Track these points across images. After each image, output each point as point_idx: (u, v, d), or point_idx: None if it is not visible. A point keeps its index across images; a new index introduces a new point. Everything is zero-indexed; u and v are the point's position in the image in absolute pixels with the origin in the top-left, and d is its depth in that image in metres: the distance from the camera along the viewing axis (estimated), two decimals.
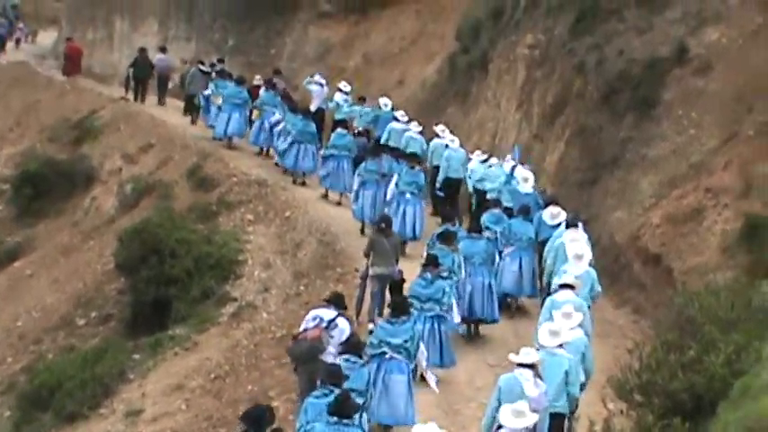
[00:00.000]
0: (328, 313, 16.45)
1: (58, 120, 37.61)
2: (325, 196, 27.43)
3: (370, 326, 19.16)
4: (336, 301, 16.79)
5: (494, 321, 19.78)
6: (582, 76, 25.18)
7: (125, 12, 45.93)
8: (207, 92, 32.08)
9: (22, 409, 23.35)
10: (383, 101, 30.11)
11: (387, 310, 17.55)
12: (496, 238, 20.78)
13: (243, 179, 28.99)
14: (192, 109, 34.24)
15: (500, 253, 20.72)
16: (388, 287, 19.45)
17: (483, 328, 20.02)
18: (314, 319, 16.45)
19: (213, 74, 33.23)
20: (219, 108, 31.34)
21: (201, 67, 34.33)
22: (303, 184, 28.63)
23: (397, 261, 19.90)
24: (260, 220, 27.11)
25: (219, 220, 27.65)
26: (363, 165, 24.77)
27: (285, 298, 23.35)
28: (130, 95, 37.03)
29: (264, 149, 30.90)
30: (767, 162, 19.72)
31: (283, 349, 20.75)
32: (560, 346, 14.28)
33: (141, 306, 25.19)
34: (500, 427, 12.49)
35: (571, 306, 15.55)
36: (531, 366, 13.51)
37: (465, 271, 19.24)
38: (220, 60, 35.87)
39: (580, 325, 15.21)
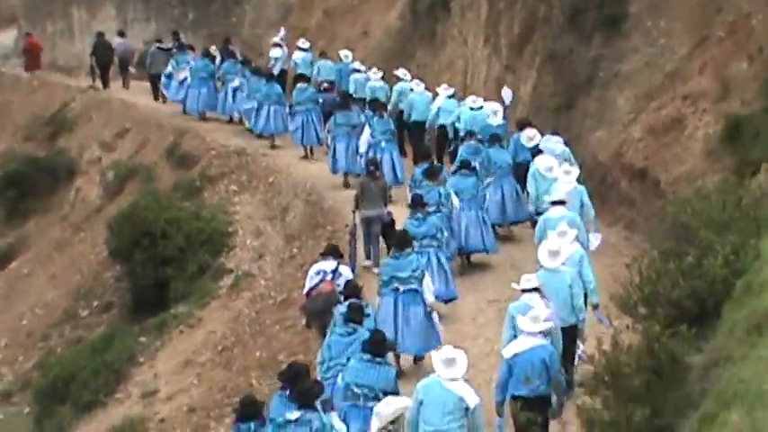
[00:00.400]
0: (329, 265, 16.96)
1: (30, 118, 37.38)
2: (305, 157, 27.43)
3: (367, 263, 19.60)
4: (333, 252, 17.32)
5: (495, 250, 20.09)
6: (546, 2, 25.10)
7: (81, 1, 45.58)
8: (168, 69, 31.98)
9: (40, 404, 23.54)
10: (344, 53, 30.20)
11: (383, 260, 17.67)
12: (475, 168, 20.93)
13: (222, 151, 28.94)
14: (157, 89, 34.16)
15: None
16: (380, 231, 19.79)
17: (480, 263, 20.14)
18: (317, 273, 16.90)
19: (174, 50, 33.09)
20: (181, 82, 31.42)
21: (161, 46, 34.17)
22: (273, 145, 28.58)
23: (385, 204, 20.25)
24: (244, 189, 27.11)
25: (205, 194, 27.65)
26: (333, 119, 25.01)
27: (280, 262, 23.40)
28: (98, 83, 36.80)
29: (236, 118, 30.84)
30: (741, 61, 19.70)
31: (285, 313, 20.95)
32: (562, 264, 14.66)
33: (140, 289, 25.27)
34: (515, 355, 12.72)
35: (565, 223, 15.93)
36: (536, 290, 13.86)
37: (457, 204, 19.52)
38: (176, 33, 35.62)
39: (576, 239, 15.63)
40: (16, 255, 32.01)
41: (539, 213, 18.60)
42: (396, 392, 12.76)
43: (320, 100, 27.19)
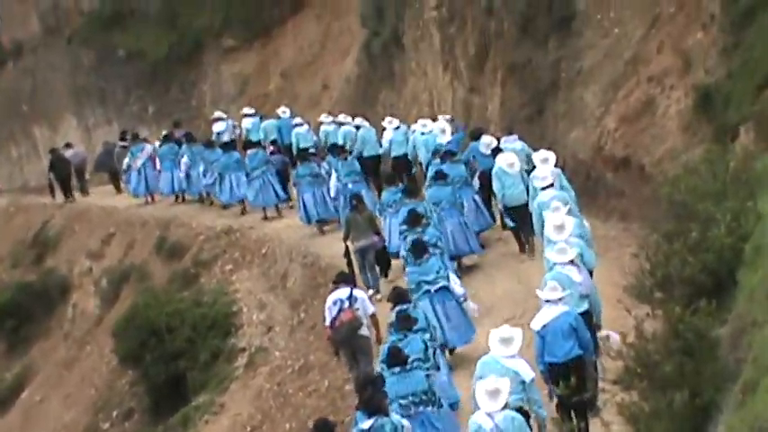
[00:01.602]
0: (343, 292, 17.13)
1: (13, 244, 37.25)
2: (266, 218, 27.75)
3: (369, 292, 19.71)
4: (344, 279, 17.65)
5: (480, 252, 20.84)
6: (495, 17, 25.10)
7: (41, 118, 45.56)
8: (126, 161, 32.28)
9: None
10: (281, 109, 30.95)
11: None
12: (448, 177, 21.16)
13: (210, 234, 28.81)
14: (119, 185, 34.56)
15: None
16: (374, 258, 20.60)
17: (482, 289, 19.98)
18: (335, 303, 17.07)
19: (129, 143, 33.41)
20: (139, 171, 31.94)
21: (123, 143, 34.36)
22: (243, 211, 28.70)
23: (377, 233, 20.69)
24: (240, 266, 26.95)
25: (202, 280, 27.51)
26: (295, 172, 25.56)
27: (290, 330, 23.23)
28: (60, 196, 36.37)
29: (204, 195, 30.86)
30: (696, 32, 19.62)
31: (306, 379, 20.75)
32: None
33: (157, 389, 25.08)
34: (544, 326, 13.37)
35: (557, 201, 16.82)
36: (572, 262, 14.61)
37: (437, 215, 19.82)
38: (124, 132, 35.77)
39: (569, 212, 16.50)
40: (25, 384, 31.70)
41: (509, 210, 20.00)
42: (432, 390, 13.68)
43: (271, 161, 27.66)
